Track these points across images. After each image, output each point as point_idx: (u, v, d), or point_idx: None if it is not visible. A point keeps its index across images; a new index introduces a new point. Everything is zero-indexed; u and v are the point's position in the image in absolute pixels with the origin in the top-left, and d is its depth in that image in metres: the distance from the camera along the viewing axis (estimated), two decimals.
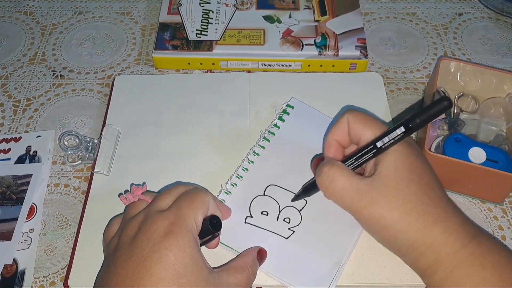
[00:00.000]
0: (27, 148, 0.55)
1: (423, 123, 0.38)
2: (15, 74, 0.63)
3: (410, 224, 0.38)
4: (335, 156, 0.44)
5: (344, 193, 0.40)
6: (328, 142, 0.44)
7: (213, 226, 0.40)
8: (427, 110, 0.37)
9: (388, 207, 0.38)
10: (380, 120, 0.43)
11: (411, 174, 0.39)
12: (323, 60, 0.61)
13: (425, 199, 0.38)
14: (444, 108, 0.37)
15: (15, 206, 0.50)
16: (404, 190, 0.38)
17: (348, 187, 0.40)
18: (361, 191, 0.39)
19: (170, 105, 0.57)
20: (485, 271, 0.37)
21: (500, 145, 0.51)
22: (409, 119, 0.38)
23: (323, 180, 0.41)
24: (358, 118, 0.43)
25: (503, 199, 0.50)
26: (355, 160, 0.41)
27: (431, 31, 0.68)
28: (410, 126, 0.38)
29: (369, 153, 0.41)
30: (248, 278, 0.41)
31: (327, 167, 0.41)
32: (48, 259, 0.47)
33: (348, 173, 0.40)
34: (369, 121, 0.42)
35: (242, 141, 0.53)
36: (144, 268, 0.35)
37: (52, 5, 0.72)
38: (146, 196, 0.42)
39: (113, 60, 0.65)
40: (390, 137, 0.39)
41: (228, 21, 0.64)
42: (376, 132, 0.41)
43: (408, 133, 0.39)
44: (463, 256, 0.37)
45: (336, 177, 0.40)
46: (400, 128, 0.39)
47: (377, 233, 0.41)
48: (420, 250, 0.38)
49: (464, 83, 0.56)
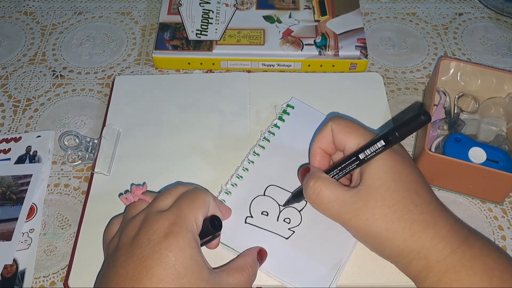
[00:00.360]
0: (27, 148, 0.55)
1: (402, 136, 0.38)
2: (15, 74, 0.63)
3: (397, 233, 0.38)
4: (321, 164, 0.45)
5: (330, 206, 0.40)
6: (314, 151, 0.45)
7: (213, 226, 0.40)
8: (406, 124, 0.38)
9: (374, 217, 0.38)
10: (365, 127, 0.43)
11: (397, 182, 0.39)
12: (323, 60, 0.61)
13: (412, 206, 0.38)
14: (423, 123, 0.37)
15: (15, 206, 0.50)
16: (390, 200, 0.38)
17: (334, 199, 0.40)
18: (347, 202, 0.40)
19: (170, 105, 0.57)
20: (475, 275, 0.37)
21: (500, 145, 0.51)
22: (388, 133, 0.39)
23: (310, 194, 0.42)
24: (341, 126, 0.43)
25: (503, 199, 0.50)
26: (340, 170, 0.42)
27: (431, 31, 0.68)
28: (390, 139, 0.39)
29: (352, 164, 0.41)
30: (248, 278, 0.41)
31: (313, 180, 0.41)
32: (48, 259, 0.47)
33: (333, 185, 0.41)
34: (352, 130, 0.42)
35: (242, 141, 0.53)
36: (145, 269, 0.35)
37: (52, 5, 0.72)
38: (146, 196, 0.42)
39: (113, 60, 0.65)
40: (371, 149, 0.39)
41: (228, 21, 0.64)
42: (359, 141, 0.41)
43: (388, 146, 0.39)
44: (453, 261, 0.37)
45: (322, 190, 0.41)
46: (380, 142, 0.39)
47: (367, 242, 0.41)
48: (409, 257, 0.39)
49: (464, 83, 0.56)
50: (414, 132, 0.38)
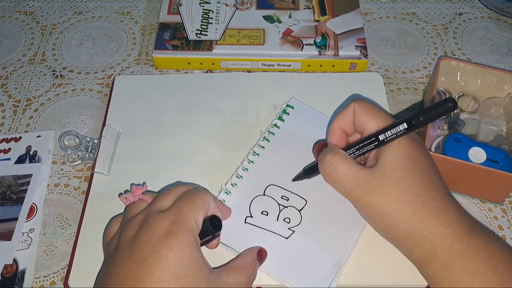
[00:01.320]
0: (27, 148, 0.55)
1: (427, 121, 0.39)
2: (15, 74, 0.63)
3: (407, 215, 0.39)
4: (338, 143, 0.45)
5: (345, 181, 0.41)
6: (333, 129, 0.45)
7: (213, 226, 0.40)
8: (432, 109, 0.38)
9: (386, 197, 0.39)
10: (386, 112, 0.43)
11: (412, 167, 0.39)
12: (323, 60, 0.61)
13: (424, 192, 0.39)
14: (449, 110, 0.37)
15: (15, 206, 0.50)
16: (404, 182, 0.39)
17: (349, 175, 0.41)
18: (362, 180, 0.40)
19: (170, 105, 0.57)
20: (480, 263, 0.37)
21: (500, 145, 0.51)
22: (413, 116, 0.39)
23: (326, 168, 0.42)
24: (364, 108, 0.43)
25: (503, 199, 0.50)
26: (357, 149, 0.42)
27: (431, 31, 0.68)
28: (413, 123, 0.39)
29: (371, 145, 0.41)
30: (248, 278, 0.41)
31: (330, 155, 0.42)
32: (48, 259, 0.47)
33: (350, 162, 0.41)
34: (374, 112, 0.43)
35: (242, 141, 0.53)
36: (145, 268, 0.35)
37: (52, 5, 0.72)
38: (146, 196, 0.42)
39: (113, 60, 0.65)
40: (392, 131, 0.40)
41: (228, 21, 0.64)
42: (380, 124, 0.42)
43: (410, 130, 0.39)
44: (459, 248, 0.38)
45: (338, 165, 0.41)
46: (403, 124, 0.39)
47: (374, 221, 0.42)
48: (416, 240, 0.39)
49: (464, 83, 0.56)
50: (438, 118, 0.39)
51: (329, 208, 0.47)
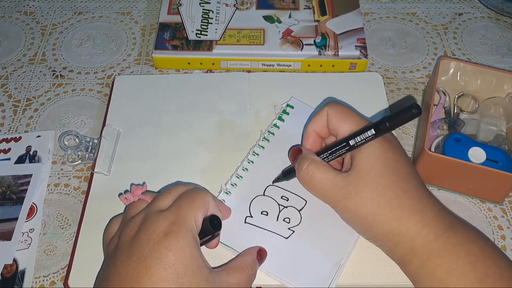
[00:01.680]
0: (27, 148, 0.55)
1: (392, 127, 0.40)
2: (15, 74, 0.63)
3: (383, 216, 0.39)
4: (313, 146, 0.46)
5: (321, 188, 0.42)
6: (307, 133, 0.46)
7: (213, 226, 0.40)
8: (397, 115, 0.39)
9: (362, 200, 0.40)
10: (360, 114, 0.44)
11: (386, 168, 0.40)
12: (323, 60, 0.61)
13: (399, 192, 0.39)
14: (413, 115, 0.38)
15: (15, 206, 0.50)
16: (378, 185, 0.40)
17: (325, 181, 0.42)
18: (337, 185, 0.41)
19: (170, 105, 0.57)
20: (458, 260, 0.38)
21: (500, 145, 0.51)
22: (379, 122, 0.40)
23: (303, 176, 0.43)
24: (336, 111, 0.44)
25: (503, 199, 0.50)
26: (330, 154, 0.43)
27: (431, 31, 0.68)
28: (380, 129, 0.40)
29: (342, 149, 0.42)
30: (248, 278, 0.41)
31: (306, 163, 0.43)
32: (48, 259, 0.47)
33: (325, 168, 0.42)
34: (347, 116, 0.43)
35: (242, 141, 0.53)
36: (144, 268, 0.35)
37: (52, 5, 0.72)
38: (146, 196, 0.42)
39: (113, 60, 0.65)
40: (361, 137, 0.41)
41: (228, 21, 0.64)
42: (352, 128, 0.42)
43: (378, 135, 0.40)
44: (437, 246, 0.38)
45: (314, 173, 0.42)
46: (371, 130, 0.40)
47: (354, 224, 0.43)
48: (395, 240, 0.40)
49: (464, 83, 0.56)
50: (404, 123, 0.40)
51: (329, 208, 0.47)
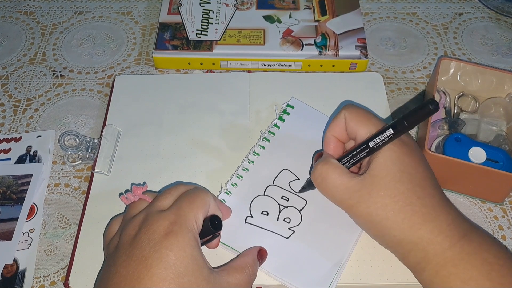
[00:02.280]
0: (27, 148, 0.55)
1: (411, 125, 0.39)
2: (16, 74, 0.63)
3: (397, 223, 0.39)
4: (335, 152, 0.45)
5: (335, 191, 0.41)
6: (327, 139, 0.45)
7: (213, 226, 0.40)
8: (414, 113, 0.38)
9: (375, 205, 0.39)
10: (377, 117, 0.43)
11: (402, 174, 0.39)
12: (323, 60, 0.61)
13: (414, 199, 0.39)
14: (431, 112, 0.37)
15: (16, 206, 0.50)
16: (392, 190, 0.39)
17: (339, 185, 0.41)
18: (351, 189, 0.40)
19: (170, 105, 0.57)
20: (472, 270, 0.37)
21: (500, 145, 0.51)
22: (397, 122, 0.39)
23: (316, 177, 0.43)
24: (354, 115, 0.43)
25: (503, 199, 0.50)
26: (350, 158, 0.43)
27: (431, 31, 0.68)
28: (398, 128, 0.39)
29: (362, 152, 0.41)
30: (248, 278, 0.41)
31: (320, 165, 0.42)
32: (49, 259, 0.47)
33: (340, 171, 0.41)
34: (364, 119, 0.43)
35: (242, 141, 0.53)
36: (145, 268, 0.35)
37: (52, 5, 0.72)
38: (146, 195, 0.42)
39: (113, 60, 0.65)
40: (380, 137, 0.40)
41: (228, 21, 0.64)
42: (371, 130, 0.42)
43: (397, 135, 0.39)
44: (451, 255, 0.38)
45: (328, 175, 0.41)
46: (389, 130, 0.39)
47: (367, 229, 0.42)
48: (408, 248, 0.39)
49: (464, 83, 0.56)
50: (422, 121, 0.39)
51: (329, 208, 0.47)
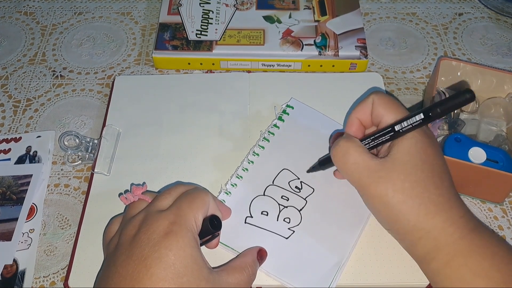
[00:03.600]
0: (27, 148, 0.55)
1: (444, 112, 0.39)
2: (15, 74, 0.63)
3: (412, 208, 0.39)
4: (355, 134, 0.45)
5: (354, 168, 0.41)
6: (351, 120, 0.45)
7: (213, 226, 0.40)
8: (449, 100, 0.38)
9: (393, 187, 0.39)
10: (404, 107, 0.43)
11: (423, 162, 0.40)
12: (323, 60, 0.61)
13: (432, 187, 0.39)
14: (467, 101, 0.37)
15: (15, 206, 0.50)
16: (413, 176, 0.39)
17: (360, 162, 0.41)
18: (371, 169, 0.40)
19: (170, 105, 0.57)
20: (483, 261, 0.37)
21: (500, 145, 0.51)
22: (430, 108, 0.39)
23: (337, 152, 0.42)
24: (383, 100, 0.43)
25: (503, 199, 0.50)
26: (372, 140, 0.42)
27: (431, 31, 0.68)
28: (430, 114, 0.39)
29: (386, 135, 0.41)
30: (248, 278, 0.41)
31: (344, 140, 0.42)
32: (48, 259, 0.47)
33: (362, 150, 0.41)
34: (393, 106, 0.43)
35: (242, 141, 0.53)
36: (144, 268, 0.35)
37: (52, 6, 0.72)
38: (146, 196, 0.42)
39: (113, 60, 0.65)
40: (408, 122, 0.40)
41: (228, 21, 0.64)
42: (397, 117, 0.42)
43: (427, 121, 0.39)
44: (462, 246, 0.38)
45: (350, 151, 0.41)
46: (420, 115, 0.39)
47: (379, 212, 0.41)
48: (419, 235, 0.39)
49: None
50: (456, 109, 0.38)
51: (329, 208, 0.47)
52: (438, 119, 0.39)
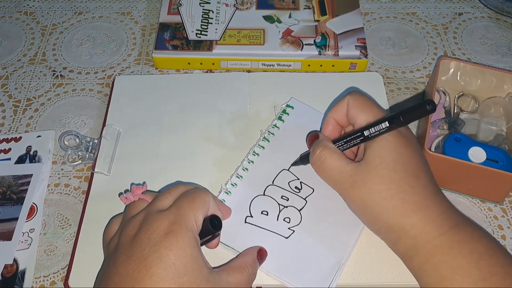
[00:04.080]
0: (27, 148, 0.55)
1: (406, 121, 0.40)
2: (16, 74, 0.63)
3: (388, 209, 0.40)
4: (331, 134, 0.46)
5: (332, 174, 0.43)
6: (327, 120, 0.47)
7: (213, 226, 0.40)
8: (412, 110, 0.39)
9: (368, 191, 0.40)
10: (379, 107, 0.44)
11: (396, 163, 0.40)
12: (323, 60, 0.61)
13: (407, 187, 0.40)
14: (428, 112, 0.38)
15: (16, 206, 0.50)
16: (386, 178, 0.40)
17: (336, 168, 0.42)
18: (347, 174, 0.42)
19: (170, 105, 0.57)
20: (462, 258, 0.38)
21: (500, 145, 0.51)
22: (393, 116, 0.40)
23: (315, 161, 0.44)
24: (357, 102, 0.44)
25: (503, 199, 0.50)
26: (345, 143, 0.44)
27: (431, 31, 0.68)
28: (393, 123, 0.40)
29: (357, 139, 0.43)
30: (248, 278, 0.41)
31: (320, 149, 0.44)
32: (49, 259, 0.48)
33: (337, 156, 0.43)
34: (366, 107, 0.44)
35: (242, 141, 0.53)
36: (145, 268, 0.35)
37: (52, 5, 0.72)
38: (146, 195, 0.42)
39: (113, 60, 0.65)
40: (375, 128, 0.41)
41: (228, 21, 0.64)
42: (369, 118, 0.43)
43: (392, 128, 0.40)
44: (441, 243, 0.38)
45: (326, 159, 0.43)
46: (385, 123, 0.40)
47: (360, 214, 0.43)
48: (398, 234, 0.40)
49: (464, 83, 0.56)
50: (418, 119, 0.40)
51: (329, 208, 0.47)
52: (402, 126, 0.40)
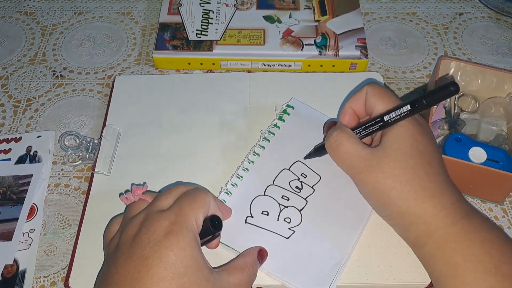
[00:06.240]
0: (27, 148, 0.55)
1: (429, 104, 0.40)
2: (16, 74, 0.63)
3: (402, 194, 0.40)
4: (349, 123, 0.46)
5: (346, 157, 0.43)
6: (344, 110, 0.47)
7: (213, 226, 0.40)
8: (435, 92, 0.39)
9: (383, 175, 0.40)
10: (397, 97, 0.44)
11: (413, 149, 0.41)
12: (323, 60, 0.61)
13: (422, 173, 0.40)
14: (451, 93, 0.38)
15: (16, 206, 0.50)
16: (403, 163, 0.40)
17: (352, 152, 0.42)
18: (362, 158, 0.42)
19: (171, 105, 0.57)
20: (474, 246, 0.38)
21: (501, 145, 0.51)
22: (416, 99, 0.40)
23: (331, 143, 0.44)
24: (375, 91, 0.45)
25: (503, 199, 0.50)
26: (363, 129, 0.44)
27: (431, 31, 0.68)
28: (416, 106, 0.40)
29: (376, 125, 0.43)
30: (248, 278, 0.41)
31: (336, 131, 0.44)
32: (49, 259, 0.47)
33: (354, 140, 0.43)
34: (384, 96, 0.44)
35: (242, 141, 0.53)
36: (145, 268, 0.35)
37: (52, 5, 0.72)
38: (146, 196, 0.42)
39: (113, 60, 0.65)
40: (396, 113, 0.41)
41: (228, 21, 0.64)
42: (388, 106, 0.43)
43: (413, 112, 0.41)
44: (453, 231, 0.38)
45: (342, 142, 0.43)
46: (406, 106, 0.41)
47: (371, 199, 0.43)
48: (410, 220, 0.40)
49: (464, 83, 0.56)
50: (441, 101, 0.40)
51: (330, 209, 0.47)
52: (424, 109, 0.41)
